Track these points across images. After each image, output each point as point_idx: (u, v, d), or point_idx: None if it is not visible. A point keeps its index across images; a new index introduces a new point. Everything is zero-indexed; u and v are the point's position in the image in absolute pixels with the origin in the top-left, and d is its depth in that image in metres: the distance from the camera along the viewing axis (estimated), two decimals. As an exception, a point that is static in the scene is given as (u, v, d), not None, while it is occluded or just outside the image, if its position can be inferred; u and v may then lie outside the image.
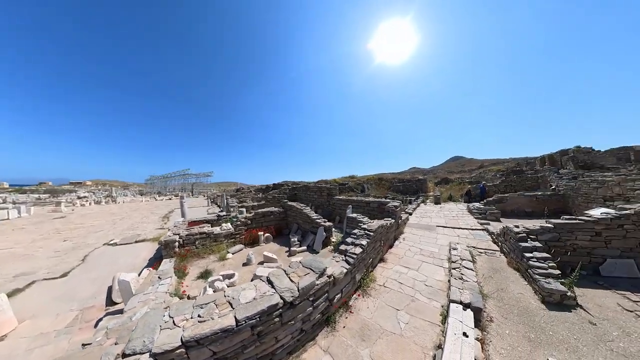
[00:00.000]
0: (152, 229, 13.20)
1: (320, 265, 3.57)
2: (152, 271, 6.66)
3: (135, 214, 19.31)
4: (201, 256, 7.42)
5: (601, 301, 4.21)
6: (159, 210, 21.43)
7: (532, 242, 5.51)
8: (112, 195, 36.60)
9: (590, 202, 8.66)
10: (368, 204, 9.26)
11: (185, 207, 13.51)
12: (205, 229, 8.00)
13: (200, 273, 6.22)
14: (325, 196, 12.86)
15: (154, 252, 8.28)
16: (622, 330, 3.48)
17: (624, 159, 14.95)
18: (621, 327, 3.55)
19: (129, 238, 10.56)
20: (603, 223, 5.38)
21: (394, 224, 7.30)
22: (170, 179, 64.27)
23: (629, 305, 4.07)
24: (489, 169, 27.83)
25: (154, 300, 4.74)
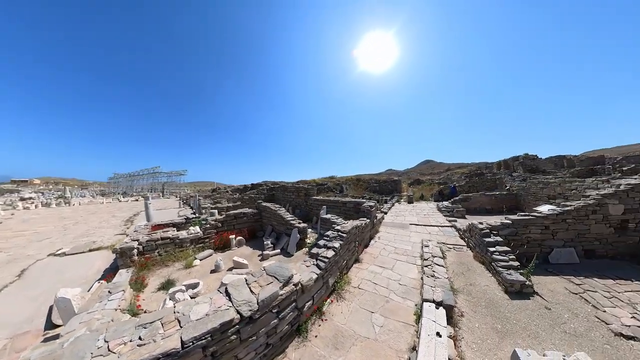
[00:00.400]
0: (111, 234, 11.62)
1: (285, 273, 3.20)
2: (104, 284, 5.71)
3: (93, 218, 17.01)
4: (165, 264, 6.58)
5: (552, 287, 4.57)
6: (122, 213, 19.17)
7: (494, 237, 5.78)
8: (65, 196, 31.63)
9: (538, 200, 9.57)
10: (345, 204, 9.12)
11: (151, 209, 12.15)
12: (169, 234, 7.14)
13: (161, 284, 5.46)
14: (302, 196, 12.50)
15: (111, 261, 7.18)
16: (571, 312, 3.77)
17: (559, 165, 17.10)
18: (570, 309, 3.86)
19: (81, 246, 9.09)
20: (551, 218, 5.88)
21: (369, 224, 7.21)
22: (138, 178, 57.19)
23: (574, 288, 4.48)
24: (455, 171, 29.95)
25: (100, 320, 3.96)
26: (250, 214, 9.15)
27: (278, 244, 7.68)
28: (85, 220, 16.06)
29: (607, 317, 3.59)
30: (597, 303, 3.95)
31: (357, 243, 6.04)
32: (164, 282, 5.52)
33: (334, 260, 4.37)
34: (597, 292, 4.29)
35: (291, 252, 6.94)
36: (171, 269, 6.37)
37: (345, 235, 5.08)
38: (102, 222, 15.00)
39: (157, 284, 5.49)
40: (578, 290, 4.36)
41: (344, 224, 6.03)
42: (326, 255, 4.21)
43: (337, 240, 4.92)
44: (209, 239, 7.69)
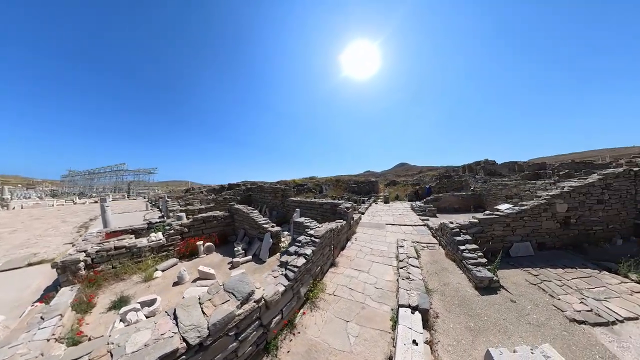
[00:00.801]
0: (58, 244, 9.91)
1: (245, 288, 2.76)
2: (39, 307, 4.67)
3: (38, 225, 14.51)
4: (119, 278, 5.66)
5: (515, 279, 4.84)
6: (76, 218, 16.69)
7: (464, 235, 5.95)
8: (3, 197, 26.32)
9: (497, 200, 10.34)
10: (321, 205, 8.85)
11: (109, 213, 10.66)
12: (125, 242, 6.19)
13: (113, 302, 4.64)
14: (279, 197, 11.97)
15: (55, 277, 5.99)
16: (533, 303, 3.99)
17: (512, 169, 19.00)
18: (532, 300, 4.09)
19: (18, 260, 7.54)
20: (511, 216, 6.33)
21: (345, 226, 7.01)
22: (99, 176, 49.93)
23: (532, 279, 4.80)
24: (426, 173, 31.73)
25: (25, 356, 3.14)
26: (221, 218, 8.41)
27: (250, 249, 7.12)
28: (27, 227, 13.62)
29: (561, 304, 3.89)
30: (552, 292, 4.27)
31: (332, 247, 5.79)
32: (117, 299, 4.70)
33: (306, 269, 4.03)
34: (551, 281, 4.65)
35: (263, 258, 6.42)
36: (127, 283, 5.49)
37: (318, 241, 4.73)
38: (49, 230, 12.83)
39: (108, 303, 4.66)
40: (536, 281, 4.69)
41: (317, 227, 5.68)
42: (296, 263, 3.82)
43: (310, 246, 4.56)
44: (173, 247, 6.86)
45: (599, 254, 5.94)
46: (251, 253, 6.85)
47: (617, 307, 3.73)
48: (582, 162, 18.92)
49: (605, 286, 4.39)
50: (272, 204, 12.90)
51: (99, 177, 50.25)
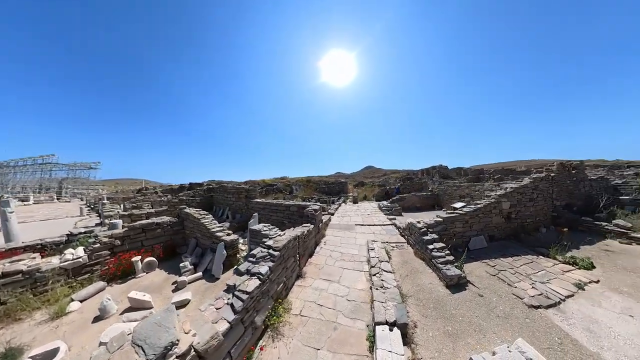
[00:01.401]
0: None
1: (162, 338, 1.91)
2: None
3: None
4: (14, 317, 3.96)
5: (477, 272, 5.04)
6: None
7: (431, 234, 5.92)
8: None
9: (452, 199, 11.14)
10: (288, 207, 8.06)
11: (13, 221, 8.05)
12: (22, 265, 4.43)
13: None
14: (243, 199, 10.71)
15: None
16: (497, 295, 4.16)
17: (459, 174, 21.32)
18: (495, 291, 4.27)
19: None
20: (469, 214, 6.76)
21: (313, 230, 6.39)
22: (17, 171, 37.88)
23: (491, 270, 5.11)
24: (391, 176, 33.70)
25: None
26: (167, 225, 6.92)
27: (201, 263, 5.90)
28: None
29: (519, 292, 4.17)
30: (509, 281, 4.59)
31: (298, 255, 5.08)
32: (3, 352, 3.17)
33: (261, 292, 3.24)
34: (505, 270, 5.03)
35: (216, 274, 5.29)
36: (25, 324, 3.86)
37: (277, 254, 3.91)
38: None
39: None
40: (494, 272, 5.00)
41: (278, 236, 4.75)
42: (246, 288, 2.97)
43: (267, 261, 3.70)
44: (100, 266, 5.24)
45: (532, 242, 6.84)
46: (202, 268, 5.66)
47: (558, 287, 4.22)
48: (507, 169, 22.16)
49: (545, 269, 4.98)
50: (235, 206, 11.52)
51: (17, 172, 38.73)
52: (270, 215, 8.95)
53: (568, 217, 8.72)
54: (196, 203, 14.97)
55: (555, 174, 10.07)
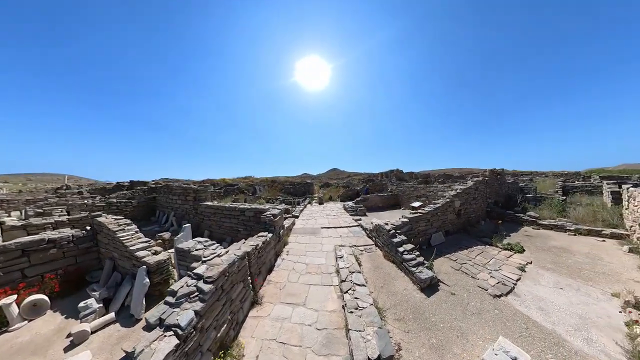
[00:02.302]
0: None
1: None
2: None
3: None
4: None
5: (444, 268, 4.96)
6: None
7: (399, 236, 5.30)
8: None
9: (410, 199, 11.36)
10: (243, 212, 6.42)
11: None
12: None
13: None
14: (190, 201, 8.52)
15: None
16: (466, 290, 4.12)
17: (412, 177, 22.99)
18: (463, 286, 4.24)
19: None
20: (431, 213, 6.75)
21: (273, 239, 5.07)
22: None
23: (454, 264, 5.13)
24: (354, 177, 34.50)
25: None
26: (69, 242, 4.58)
27: (116, 298, 3.92)
28: None
29: (482, 283, 4.29)
30: (471, 273, 4.68)
31: (251, 278, 3.71)
32: None
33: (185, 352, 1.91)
34: (465, 263, 5.13)
35: (135, 313, 3.49)
36: None
37: (209, 288, 2.52)
38: None
39: None
40: (457, 266, 5.03)
41: (215, 257, 3.29)
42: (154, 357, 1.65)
43: (194, 301, 2.36)
44: None
45: (477, 233, 7.44)
46: (117, 305, 3.69)
47: (508, 273, 4.59)
48: (447, 174, 25.01)
49: (494, 257, 5.36)
50: (181, 211, 9.14)
51: None
52: (222, 221, 7.15)
53: (498, 211, 10.02)
54: (132, 207, 11.68)
55: (488, 177, 11.22)
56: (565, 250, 5.57)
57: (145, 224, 10.98)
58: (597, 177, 15.36)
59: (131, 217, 11.58)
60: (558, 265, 4.80)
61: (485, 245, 6.27)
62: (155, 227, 10.25)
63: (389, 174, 22.72)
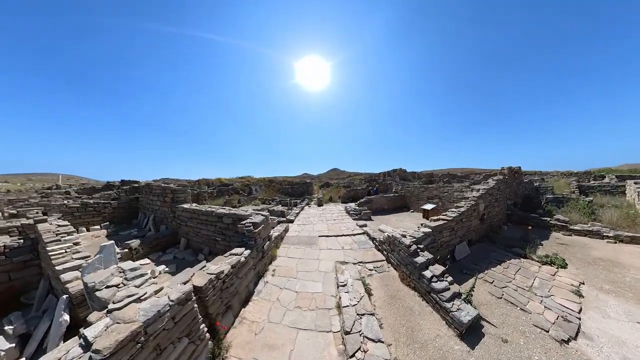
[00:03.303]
0: None
1: None
2: None
3: None
4: None
5: (481, 296, 3.72)
6: None
7: (422, 253, 3.83)
8: None
9: (420, 200, 9.85)
10: (220, 218, 4.90)
11: None
12: None
13: None
14: (168, 203, 7.06)
15: None
16: (521, 333, 3.03)
17: (415, 177, 21.48)
18: (515, 327, 3.13)
19: None
20: (455, 220, 5.21)
21: (250, 258, 3.58)
22: None
23: (492, 289, 3.97)
24: (355, 177, 33.03)
25: None
26: None
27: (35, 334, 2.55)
28: None
29: (537, 319, 3.25)
30: (517, 301, 3.64)
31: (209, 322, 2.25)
32: None
33: None
34: (506, 286, 4.05)
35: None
36: None
37: None
38: None
39: None
40: (497, 292, 3.91)
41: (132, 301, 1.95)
42: None
43: None
44: None
45: (502, 240, 6.17)
46: (33, 346, 2.36)
47: (564, 300, 3.62)
48: (451, 174, 23.46)
49: (536, 276, 4.33)
50: (160, 214, 7.72)
51: None
52: (199, 228, 5.69)
53: (520, 214, 8.64)
54: (112, 208, 10.22)
55: (508, 176, 9.69)
56: (614, 264, 4.64)
57: (126, 227, 9.59)
58: (613, 176, 14.06)
59: (110, 220, 10.21)
60: (617, 286, 3.91)
61: (520, 258, 5.09)
62: (133, 231, 8.83)
63: (391, 174, 21.20)
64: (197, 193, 12.53)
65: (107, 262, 3.17)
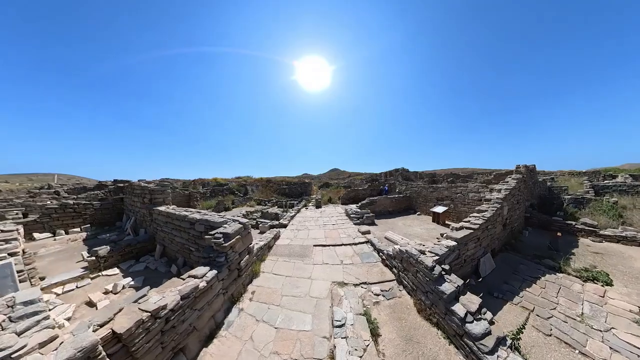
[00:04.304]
0: None
1: None
2: None
3: None
4: None
5: (525, 335, 2.70)
6: None
7: (449, 277, 2.78)
8: None
9: (428, 202, 8.79)
10: (193, 225, 3.92)
11: None
12: None
13: None
14: (147, 204, 6.10)
15: None
16: None
17: (418, 177, 20.30)
18: None
19: None
20: (481, 228, 4.23)
21: (217, 281, 2.60)
22: None
23: (537, 321, 3.01)
24: (355, 177, 31.91)
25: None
26: None
27: None
28: None
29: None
30: (573, 340, 2.70)
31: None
32: None
33: None
34: (551, 315, 3.14)
35: None
36: None
37: None
38: None
39: None
40: (544, 326, 2.94)
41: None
42: None
43: None
44: None
45: (526, 249, 5.35)
46: None
47: (630, 337, 2.71)
48: (454, 174, 22.31)
49: (582, 298, 3.49)
50: (140, 216, 6.79)
51: None
52: (173, 235, 4.72)
53: (540, 217, 7.62)
54: (94, 209, 9.30)
55: (525, 175, 8.55)
56: (667, 279, 3.79)
57: (109, 229, 8.70)
58: (627, 175, 12.96)
59: (92, 222, 9.29)
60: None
61: (554, 272, 4.23)
62: (113, 235, 7.91)
63: (393, 173, 20.08)
64: (189, 193, 11.58)
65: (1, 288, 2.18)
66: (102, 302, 3.68)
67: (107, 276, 4.81)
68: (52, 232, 8.00)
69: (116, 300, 3.94)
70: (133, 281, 4.41)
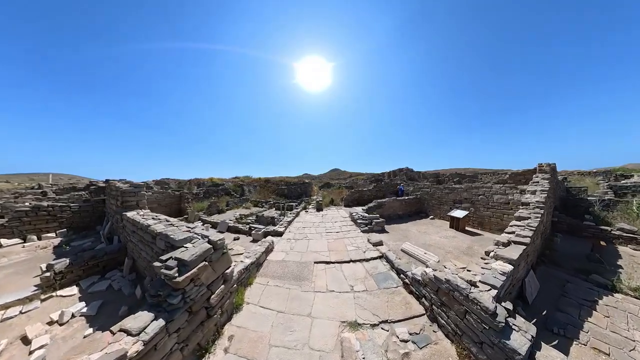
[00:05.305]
0: None
1: None
2: None
3: None
4: None
5: None
6: None
7: (512, 319, 1.80)
8: None
9: (442, 204, 7.84)
10: (154, 238, 2.96)
11: None
12: None
13: None
14: (119, 208, 5.15)
15: None
16: None
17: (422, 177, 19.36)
18: None
19: None
20: (531, 239, 3.54)
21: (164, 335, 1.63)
22: None
23: None
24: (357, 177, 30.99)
25: None
26: None
27: None
28: None
29: None
30: None
31: None
32: None
33: None
34: None
35: None
36: None
37: None
38: None
39: None
40: None
41: None
42: None
43: None
44: None
45: (563, 260, 4.53)
46: None
47: None
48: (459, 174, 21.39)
49: None
50: (116, 221, 5.86)
51: None
52: (140, 249, 3.79)
53: (569, 222, 6.57)
54: (71, 212, 8.37)
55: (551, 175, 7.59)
56: None
57: (87, 234, 7.76)
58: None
59: (69, 226, 8.35)
60: None
61: (610, 292, 3.49)
62: (88, 242, 6.99)
63: (397, 173, 19.13)
64: (180, 194, 10.64)
65: None
66: (40, 337, 2.77)
67: (61, 297, 3.89)
68: (23, 237, 7.11)
69: (59, 335, 3.00)
70: (87, 307, 3.48)
